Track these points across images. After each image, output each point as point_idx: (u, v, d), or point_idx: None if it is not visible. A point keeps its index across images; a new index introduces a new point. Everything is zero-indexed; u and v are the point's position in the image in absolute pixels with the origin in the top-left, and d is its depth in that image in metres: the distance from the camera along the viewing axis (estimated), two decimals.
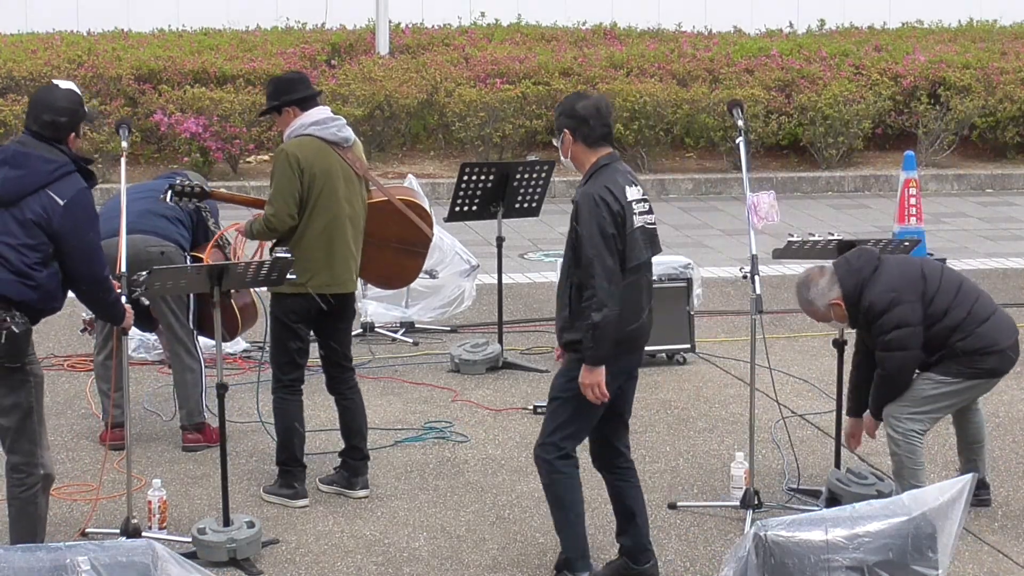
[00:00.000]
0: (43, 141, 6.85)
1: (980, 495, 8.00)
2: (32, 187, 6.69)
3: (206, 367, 8.82)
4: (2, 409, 6.78)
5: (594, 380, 6.72)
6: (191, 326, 8.81)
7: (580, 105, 6.81)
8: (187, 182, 8.37)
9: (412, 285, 11.13)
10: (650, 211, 6.93)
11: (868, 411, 7.88)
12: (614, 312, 6.65)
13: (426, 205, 8.59)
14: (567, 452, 6.92)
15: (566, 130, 6.84)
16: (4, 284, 6.64)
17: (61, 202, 6.67)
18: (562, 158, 6.95)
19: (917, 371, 7.77)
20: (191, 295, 8.69)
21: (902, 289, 7.61)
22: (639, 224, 6.80)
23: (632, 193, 6.79)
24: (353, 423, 8.18)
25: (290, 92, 8.00)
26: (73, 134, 6.90)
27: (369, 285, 10.86)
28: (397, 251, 8.47)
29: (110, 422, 8.31)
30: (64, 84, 7.05)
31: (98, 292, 6.92)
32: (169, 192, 8.26)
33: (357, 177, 8.01)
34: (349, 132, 8.04)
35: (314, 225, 7.86)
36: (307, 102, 8.00)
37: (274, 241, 8.02)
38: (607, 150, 6.85)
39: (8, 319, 6.62)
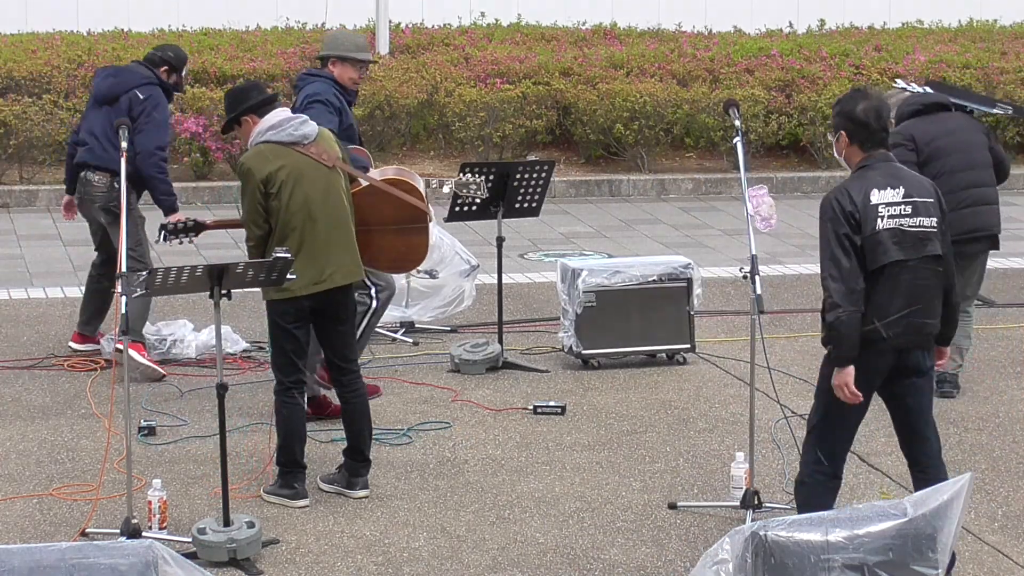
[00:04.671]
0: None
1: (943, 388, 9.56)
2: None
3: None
4: None
5: (840, 382, 6.74)
6: None
7: (861, 108, 6.83)
8: (178, 219, 8.49)
9: (412, 285, 11.15)
10: (916, 213, 6.80)
11: None
12: (848, 312, 6.65)
13: (419, 184, 8.56)
14: (815, 458, 6.93)
15: (843, 132, 6.88)
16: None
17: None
18: (836, 155, 7.00)
19: None
20: None
21: (903, 136, 9.42)
22: (888, 227, 6.74)
23: (883, 196, 6.76)
24: (354, 425, 8.18)
25: (244, 101, 7.97)
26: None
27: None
28: (398, 232, 8.45)
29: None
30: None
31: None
32: (163, 232, 8.31)
33: (328, 169, 8.00)
34: (308, 128, 7.96)
35: (291, 227, 7.84)
36: (263, 107, 7.96)
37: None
38: (878, 151, 6.88)
39: None
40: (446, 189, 9.79)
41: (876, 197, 6.76)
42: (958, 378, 9.80)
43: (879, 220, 6.74)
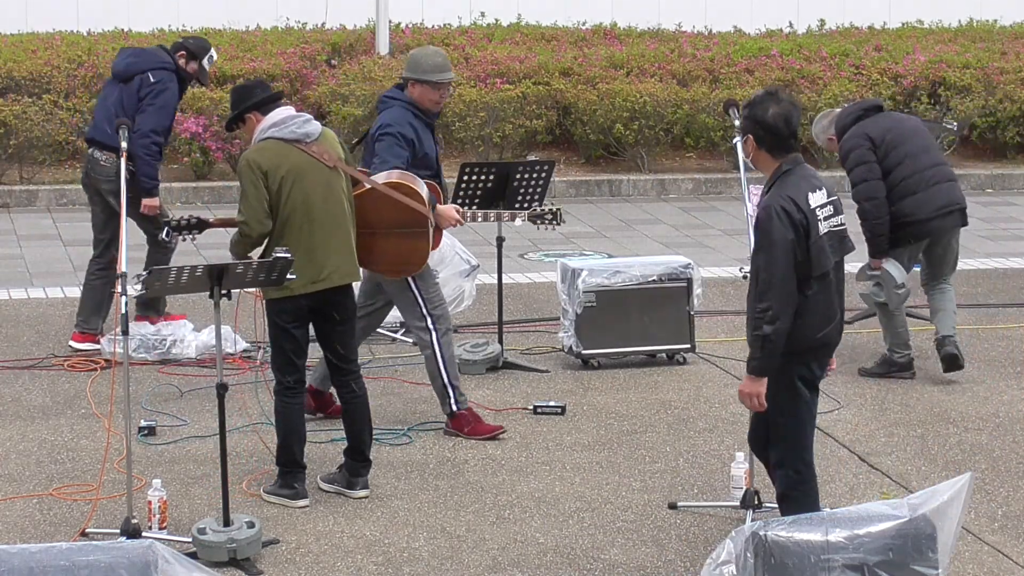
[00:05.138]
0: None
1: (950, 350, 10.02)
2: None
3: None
4: None
5: (755, 390, 6.70)
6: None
7: (771, 114, 6.74)
8: (182, 216, 8.45)
9: None
10: (836, 212, 6.81)
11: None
12: (785, 324, 6.62)
13: (421, 188, 8.54)
14: (797, 468, 6.90)
15: (751, 136, 6.80)
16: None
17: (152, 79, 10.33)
18: (743, 159, 6.91)
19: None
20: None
21: (859, 137, 9.84)
22: (825, 230, 6.72)
23: (816, 199, 6.72)
24: (354, 426, 8.18)
25: (248, 98, 7.98)
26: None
27: None
28: (401, 236, 8.45)
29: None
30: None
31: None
32: (167, 229, 8.30)
33: (329, 169, 8.00)
34: (311, 127, 7.97)
35: (289, 225, 7.85)
36: (266, 105, 7.96)
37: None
38: (791, 155, 6.81)
39: None
40: (518, 222, 9.68)
41: (812, 201, 6.71)
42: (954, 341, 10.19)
43: (819, 224, 6.70)
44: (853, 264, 9.24)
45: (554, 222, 9.63)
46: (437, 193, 8.95)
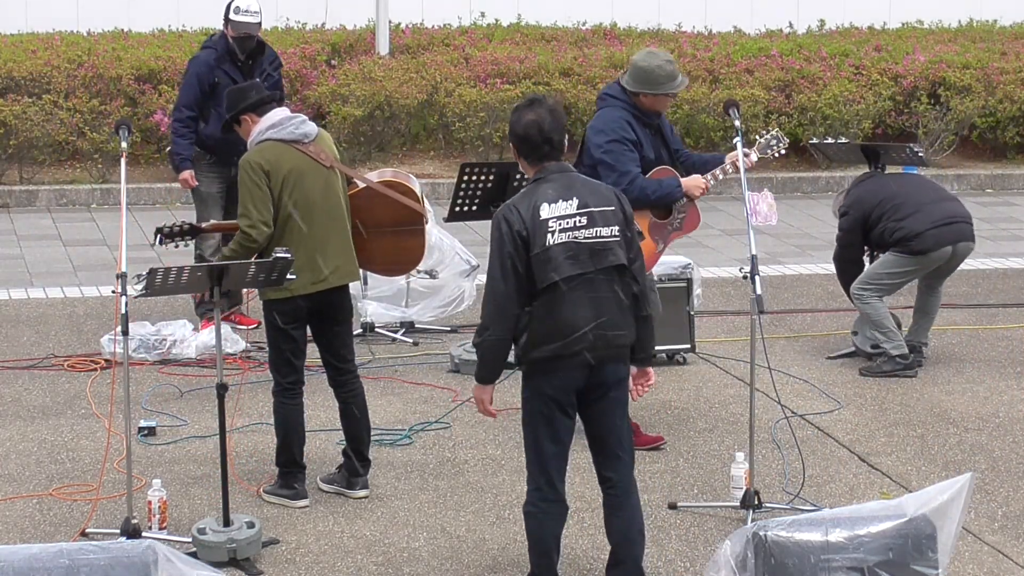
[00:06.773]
0: None
1: (917, 357, 10.36)
2: None
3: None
4: None
5: (478, 396, 6.80)
6: None
7: (523, 122, 6.66)
8: (175, 222, 8.43)
9: (412, 285, 11.14)
10: (592, 224, 6.60)
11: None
12: (496, 335, 6.61)
13: (415, 186, 8.54)
14: (537, 485, 6.75)
15: (512, 144, 6.77)
16: None
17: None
18: (742, 159, 6.99)
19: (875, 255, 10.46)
20: None
21: (850, 206, 10.35)
22: (560, 241, 6.53)
23: (557, 209, 6.55)
24: (352, 427, 8.17)
25: (243, 100, 7.98)
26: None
27: (368, 285, 10.87)
28: (395, 234, 8.45)
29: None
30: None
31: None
32: (159, 236, 8.29)
33: (327, 169, 8.00)
34: (309, 127, 7.98)
35: (289, 226, 7.85)
36: (261, 107, 7.95)
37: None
38: (549, 163, 6.68)
39: None
40: (754, 158, 9.31)
41: (546, 212, 6.53)
42: (924, 350, 10.56)
43: (549, 235, 6.52)
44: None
45: (780, 146, 9.26)
46: (674, 173, 8.93)
